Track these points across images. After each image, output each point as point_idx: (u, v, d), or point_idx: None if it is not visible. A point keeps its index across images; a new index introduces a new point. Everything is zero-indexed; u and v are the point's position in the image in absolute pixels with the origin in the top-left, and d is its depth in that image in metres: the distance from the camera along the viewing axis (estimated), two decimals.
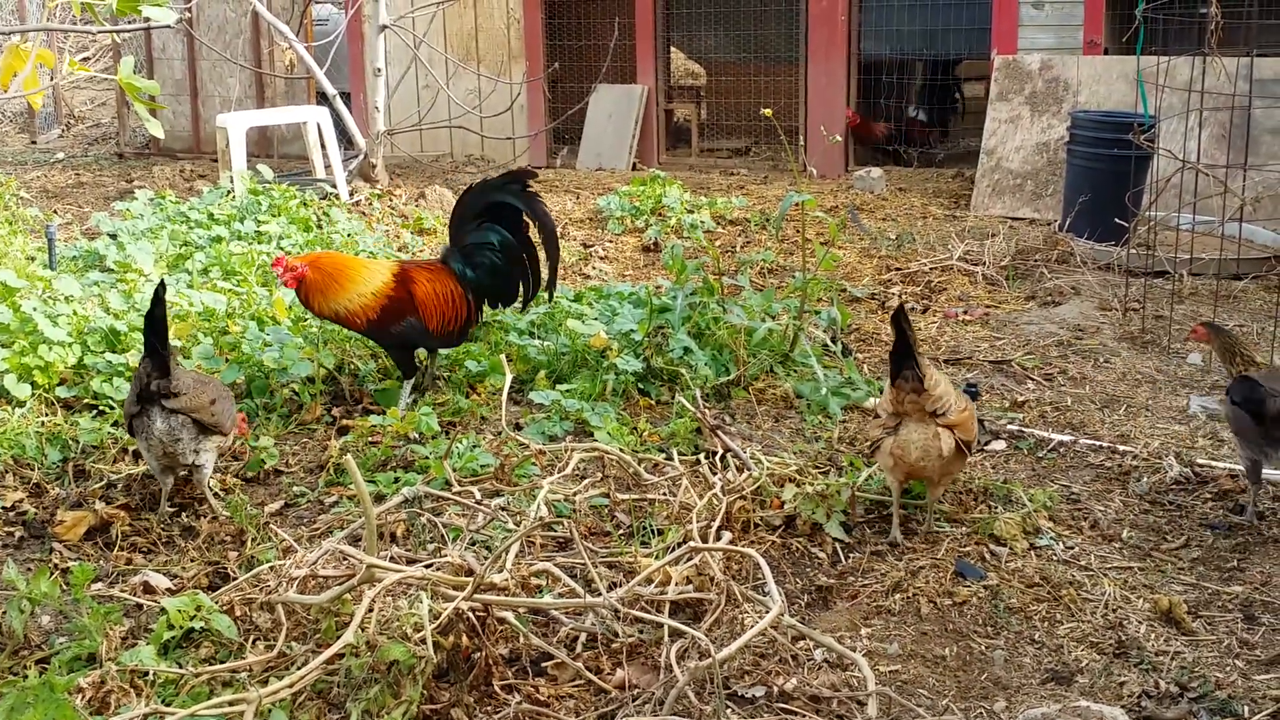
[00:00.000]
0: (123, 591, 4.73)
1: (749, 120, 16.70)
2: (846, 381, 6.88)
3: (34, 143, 19.86)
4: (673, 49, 17.79)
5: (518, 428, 6.29)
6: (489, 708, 3.97)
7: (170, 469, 5.41)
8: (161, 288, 5.22)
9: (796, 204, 7.24)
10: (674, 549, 4.75)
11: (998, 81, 13.02)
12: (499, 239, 6.91)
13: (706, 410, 6.20)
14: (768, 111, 7.56)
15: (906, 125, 16.08)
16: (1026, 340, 8.06)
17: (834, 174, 14.70)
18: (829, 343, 7.43)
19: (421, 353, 6.99)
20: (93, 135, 20.40)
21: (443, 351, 7.11)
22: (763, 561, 4.39)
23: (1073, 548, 5.10)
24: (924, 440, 4.99)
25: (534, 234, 7.07)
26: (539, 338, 7.42)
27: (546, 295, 7.25)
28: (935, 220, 12.09)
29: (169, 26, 6.22)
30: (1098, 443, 6.21)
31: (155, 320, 5.18)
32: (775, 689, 4.04)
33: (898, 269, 9.90)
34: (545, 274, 7.11)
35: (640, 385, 6.85)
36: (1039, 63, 12.90)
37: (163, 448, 5.30)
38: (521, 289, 7.07)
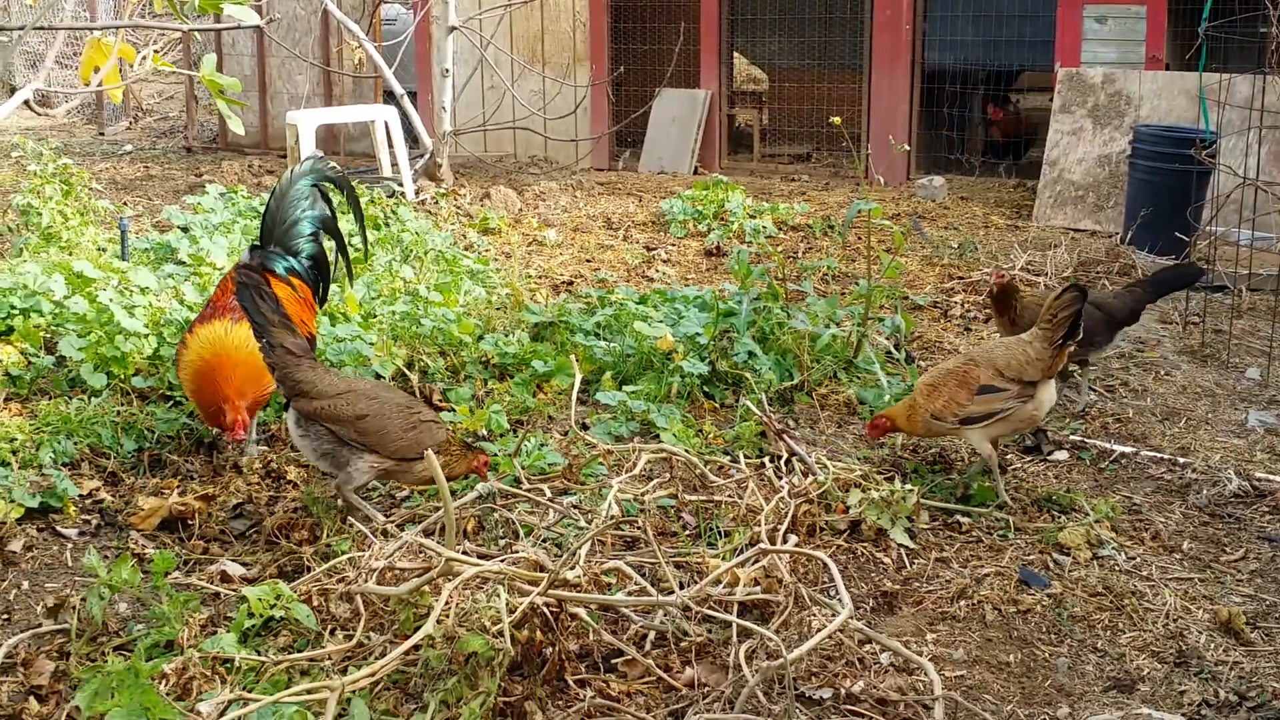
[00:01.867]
0: (200, 580, 4.82)
1: (811, 126, 16.71)
2: (909, 389, 6.93)
3: (101, 134, 20.08)
4: (736, 54, 17.84)
5: (584, 427, 6.38)
6: (561, 701, 4.05)
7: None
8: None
9: (860, 211, 7.31)
10: (741, 550, 4.82)
11: (1061, 94, 13.00)
12: (311, 220, 6.34)
13: (771, 414, 6.28)
14: (837, 120, 7.58)
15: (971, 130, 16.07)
16: None
17: (896, 181, 14.72)
18: (892, 350, 7.49)
19: None
20: (160, 128, 20.61)
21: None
22: (832, 565, 4.44)
23: (1134, 558, 5.15)
24: (1050, 398, 5.66)
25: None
26: (605, 339, 7.51)
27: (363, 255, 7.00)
28: (997, 230, 12.09)
29: (257, 26, 6.32)
30: (1159, 454, 6.26)
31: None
32: (843, 691, 4.12)
33: (960, 278, 9.92)
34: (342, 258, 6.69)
35: (705, 388, 6.92)
36: (1101, 76, 12.88)
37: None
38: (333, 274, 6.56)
